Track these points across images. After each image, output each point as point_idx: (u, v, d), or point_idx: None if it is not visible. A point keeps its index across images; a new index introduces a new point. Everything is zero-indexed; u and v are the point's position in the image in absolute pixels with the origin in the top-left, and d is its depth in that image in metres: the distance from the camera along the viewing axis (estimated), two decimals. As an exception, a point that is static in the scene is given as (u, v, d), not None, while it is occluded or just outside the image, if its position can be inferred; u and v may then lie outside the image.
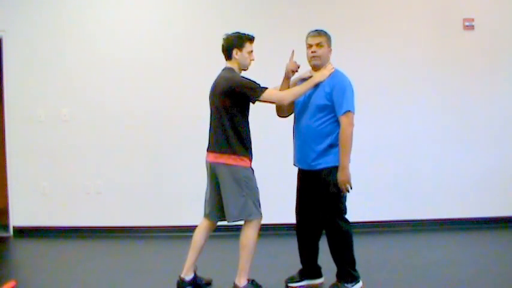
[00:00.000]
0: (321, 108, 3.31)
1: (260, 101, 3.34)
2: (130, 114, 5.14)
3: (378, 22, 5.18)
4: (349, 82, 3.37)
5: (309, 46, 3.38)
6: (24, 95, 5.15)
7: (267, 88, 3.34)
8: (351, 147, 3.29)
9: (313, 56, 3.37)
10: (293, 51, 3.47)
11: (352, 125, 3.28)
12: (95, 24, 5.14)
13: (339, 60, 3.58)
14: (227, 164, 3.34)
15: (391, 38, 5.18)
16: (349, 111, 3.28)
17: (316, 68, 3.42)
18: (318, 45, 3.35)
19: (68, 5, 5.14)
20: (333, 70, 3.38)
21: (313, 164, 3.36)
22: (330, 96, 3.30)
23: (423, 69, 5.21)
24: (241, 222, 3.41)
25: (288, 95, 3.35)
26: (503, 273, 3.82)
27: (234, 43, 3.40)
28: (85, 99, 5.15)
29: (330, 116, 3.32)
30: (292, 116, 3.60)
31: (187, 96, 5.08)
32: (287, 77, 3.49)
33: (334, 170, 3.33)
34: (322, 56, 3.37)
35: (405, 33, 5.20)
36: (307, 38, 3.42)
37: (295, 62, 3.47)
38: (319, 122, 3.32)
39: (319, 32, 3.40)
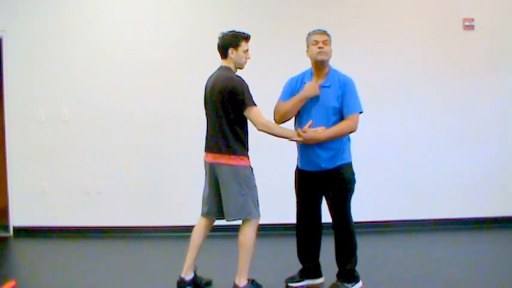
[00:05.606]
0: (336, 110, 3.36)
1: (245, 112, 3.30)
2: (131, 114, 5.14)
3: (377, 22, 5.18)
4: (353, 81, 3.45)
5: (315, 42, 3.38)
6: (24, 95, 5.15)
7: (256, 106, 3.32)
8: (334, 135, 3.33)
9: (321, 52, 3.36)
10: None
11: (356, 125, 3.36)
12: (95, 24, 5.14)
13: (338, 60, 3.58)
14: (228, 164, 3.34)
15: (391, 38, 5.18)
16: (358, 112, 3.38)
17: (322, 64, 3.40)
18: (324, 42, 3.38)
19: (67, 5, 5.14)
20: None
21: (328, 164, 3.38)
22: (342, 98, 3.36)
23: (423, 69, 5.21)
24: (240, 222, 3.40)
25: (267, 126, 3.32)
26: (504, 273, 3.81)
27: (230, 42, 3.39)
28: (85, 99, 5.15)
29: (340, 117, 3.37)
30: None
31: (187, 96, 5.06)
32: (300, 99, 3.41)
33: (348, 166, 3.42)
34: (329, 52, 3.40)
35: (405, 33, 5.19)
36: (311, 35, 3.43)
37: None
38: (333, 123, 3.36)
39: (325, 31, 3.44)
